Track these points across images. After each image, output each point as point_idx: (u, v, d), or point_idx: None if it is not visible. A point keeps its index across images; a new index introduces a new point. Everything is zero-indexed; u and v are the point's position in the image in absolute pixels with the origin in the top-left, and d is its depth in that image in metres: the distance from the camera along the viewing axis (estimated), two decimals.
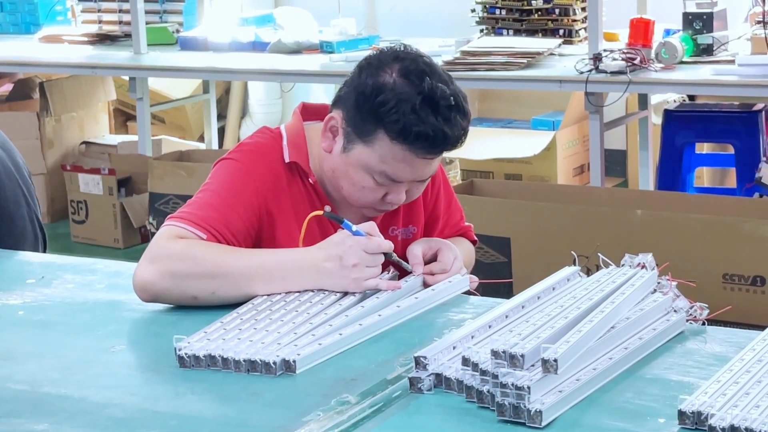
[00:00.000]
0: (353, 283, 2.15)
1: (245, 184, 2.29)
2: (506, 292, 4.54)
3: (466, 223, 2.61)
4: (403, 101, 2.18)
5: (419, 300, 2.16)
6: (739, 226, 4.31)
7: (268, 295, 2.14)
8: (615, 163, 6.64)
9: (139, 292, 2.17)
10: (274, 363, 1.84)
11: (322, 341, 1.93)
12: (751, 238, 4.28)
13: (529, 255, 4.69)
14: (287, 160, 2.34)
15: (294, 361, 1.85)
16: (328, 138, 2.31)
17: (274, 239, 2.31)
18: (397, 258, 2.25)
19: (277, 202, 2.31)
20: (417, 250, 2.29)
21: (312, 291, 2.14)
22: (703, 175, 5.74)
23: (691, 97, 5.77)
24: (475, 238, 2.63)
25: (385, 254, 2.19)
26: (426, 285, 2.27)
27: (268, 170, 2.32)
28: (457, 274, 2.29)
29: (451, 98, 2.21)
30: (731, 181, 5.48)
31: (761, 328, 1.94)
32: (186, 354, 1.88)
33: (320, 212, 2.25)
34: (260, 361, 1.85)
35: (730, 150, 5.31)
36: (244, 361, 1.86)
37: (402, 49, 2.28)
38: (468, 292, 2.29)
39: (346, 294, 2.14)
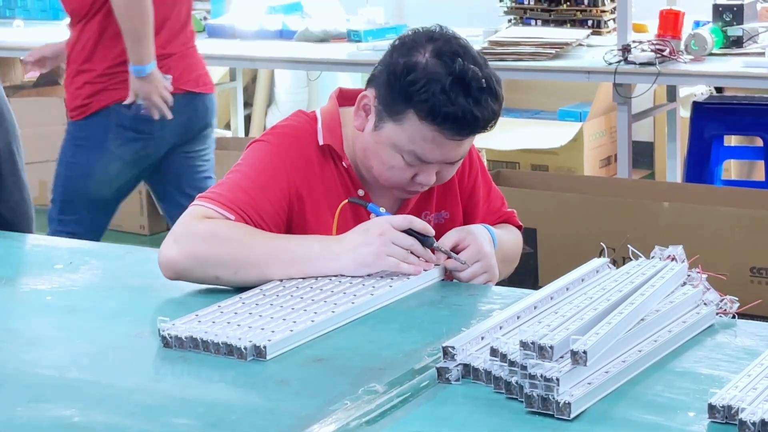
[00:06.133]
0: (375, 253, 2.13)
1: (276, 167, 2.29)
2: (531, 283, 4.54)
3: (509, 209, 2.56)
4: (433, 81, 2.17)
5: (393, 288, 2.13)
6: (766, 219, 4.29)
7: (281, 280, 2.14)
8: (641, 154, 6.61)
9: (163, 270, 2.19)
10: (245, 348, 1.84)
11: (294, 327, 1.92)
12: None
13: (555, 246, 4.68)
14: (321, 142, 2.34)
15: (264, 347, 1.85)
16: (360, 116, 2.31)
17: (304, 223, 2.30)
18: (435, 242, 2.21)
19: (308, 186, 2.31)
20: (448, 239, 2.28)
21: (327, 278, 2.14)
22: (731, 168, 5.71)
23: (719, 90, 5.74)
24: (520, 224, 2.58)
25: (423, 237, 2.18)
26: (449, 276, 2.26)
27: (300, 153, 2.32)
28: (480, 275, 2.26)
29: (483, 80, 2.18)
30: (759, 174, 5.45)
31: None
32: (169, 335, 1.90)
33: (346, 201, 2.26)
34: (235, 345, 1.85)
35: (759, 143, 5.28)
36: (223, 344, 1.86)
37: (437, 30, 2.26)
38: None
39: (360, 282, 2.13)
